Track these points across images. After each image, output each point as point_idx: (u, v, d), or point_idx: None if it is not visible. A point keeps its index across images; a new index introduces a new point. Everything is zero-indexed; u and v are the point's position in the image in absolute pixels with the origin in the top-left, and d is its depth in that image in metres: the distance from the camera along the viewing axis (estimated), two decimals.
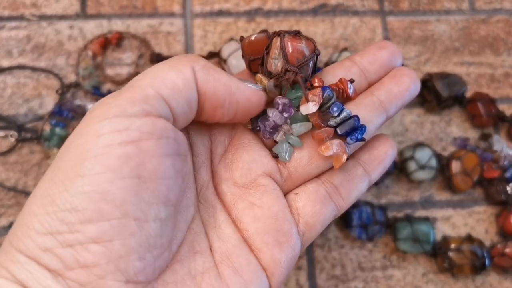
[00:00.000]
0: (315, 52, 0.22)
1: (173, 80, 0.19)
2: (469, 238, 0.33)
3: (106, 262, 0.16)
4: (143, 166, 0.17)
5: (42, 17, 0.35)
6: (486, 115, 0.35)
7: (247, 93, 0.21)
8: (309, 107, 0.22)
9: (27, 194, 0.32)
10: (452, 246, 0.32)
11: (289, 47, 0.22)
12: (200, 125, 0.23)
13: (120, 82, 0.35)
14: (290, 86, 0.22)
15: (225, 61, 0.34)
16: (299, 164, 0.23)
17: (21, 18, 0.35)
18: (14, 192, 0.32)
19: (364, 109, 0.24)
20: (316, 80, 0.22)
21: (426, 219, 0.33)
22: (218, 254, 0.21)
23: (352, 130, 0.22)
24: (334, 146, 0.22)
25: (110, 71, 0.35)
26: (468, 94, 0.36)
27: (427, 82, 0.35)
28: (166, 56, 0.35)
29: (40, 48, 0.35)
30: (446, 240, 0.33)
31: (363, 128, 0.22)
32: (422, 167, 0.33)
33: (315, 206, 0.23)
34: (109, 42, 0.35)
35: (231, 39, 0.35)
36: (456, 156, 0.34)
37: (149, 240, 0.17)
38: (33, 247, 0.16)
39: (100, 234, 0.16)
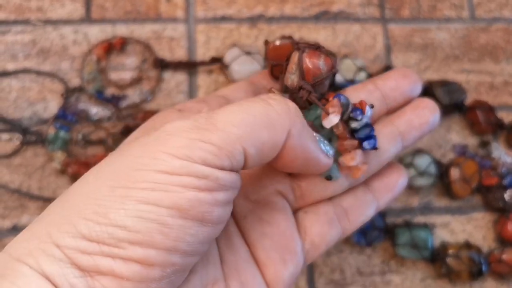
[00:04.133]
0: (332, 71, 0.22)
1: (264, 142, 0.18)
2: (467, 245, 0.33)
3: (139, 281, 0.17)
4: (209, 213, 0.17)
5: (47, 22, 0.36)
6: (485, 123, 0.35)
7: (319, 159, 0.21)
8: (331, 119, 0.21)
9: (31, 196, 0.32)
10: (450, 252, 0.33)
11: (306, 63, 0.21)
12: None
13: (124, 86, 0.35)
14: (307, 106, 0.22)
15: (227, 67, 0.34)
16: (314, 187, 0.23)
17: (26, 22, 0.36)
18: (18, 194, 0.32)
19: (382, 138, 0.24)
20: (331, 95, 0.22)
21: (424, 226, 0.33)
22: (227, 266, 0.21)
23: (367, 137, 0.22)
24: (358, 157, 0.22)
25: (113, 76, 0.35)
26: (468, 101, 0.36)
27: (427, 90, 0.36)
28: (170, 62, 0.35)
29: (45, 53, 0.35)
30: (444, 246, 0.33)
31: (375, 138, 0.23)
32: (421, 173, 0.34)
33: (323, 227, 0.23)
34: (113, 47, 0.36)
35: (234, 45, 0.35)
36: (455, 163, 0.34)
37: (184, 269, 0.18)
38: (74, 247, 0.16)
39: (144, 257, 0.16)
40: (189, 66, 0.36)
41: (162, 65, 0.35)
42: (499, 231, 0.34)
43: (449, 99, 0.35)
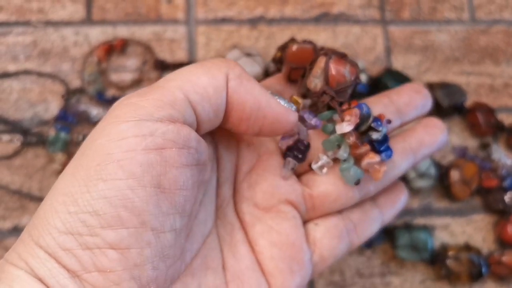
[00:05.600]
0: (356, 81, 0.22)
1: (204, 86, 0.19)
2: (467, 247, 0.33)
3: (122, 269, 0.17)
4: (164, 176, 0.17)
5: (48, 23, 0.36)
6: (485, 125, 0.35)
7: (277, 110, 0.20)
8: (344, 127, 0.21)
9: (31, 197, 0.33)
10: (450, 254, 0.33)
11: (332, 70, 0.22)
12: (229, 139, 0.22)
13: (124, 88, 0.35)
14: (325, 108, 0.22)
15: None
16: (326, 200, 0.23)
17: (27, 24, 0.36)
18: (18, 195, 0.33)
19: (395, 154, 0.24)
20: (354, 103, 0.22)
21: (424, 227, 0.33)
22: (230, 273, 0.21)
23: (385, 149, 0.23)
24: (377, 157, 0.22)
25: (114, 77, 0.35)
26: (468, 103, 0.36)
27: None
28: (170, 63, 0.35)
29: (46, 54, 0.35)
30: (444, 248, 0.33)
31: (392, 150, 0.23)
32: (421, 175, 0.34)
33: (333, 240, 0.23)
34: (114, 49, 0.36)
35: (234, 46, 0.35)
36: (455, 165, 0.34)
37: (163, 250, 0.18)
38: (54, 245, 0.16)
39: (118, 240, 0.16)
40: None
41: (162, 66, 0.35)
42: (499, 233, 0.34)
43: (449, 101, 0.35)
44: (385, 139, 0.23)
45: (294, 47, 0.23)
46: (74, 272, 0.16)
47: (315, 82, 0.22)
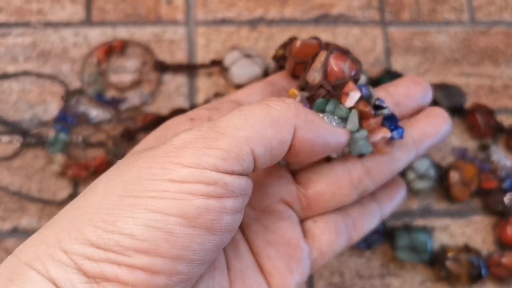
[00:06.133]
0: (354, 77, 0.22)
1: (270, 139, 0.19)
2: (467, 248, 0.33)
3: (144, 287, 0.17)
4: (217, 221, 0.17)
5: (48, 24, 0.36)
6: (485, 126, 0.35)
7: (334, 140, 0.21)
8: (352, 96, 0.21)
9: (31, 198, 0.33)
10: (449, 255, 0.33)
11: (332, 64, 0.22)
12: None
13: (124, 89, 0.35)
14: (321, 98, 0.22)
15: (227, 70, 0.34)
16: (321, 198, 0.23)
17: (27, 25, 0.36)
18: (18, 196, 0.33)
19: (396, 148, 0.24)
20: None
21: (424, 229, 0.33)
22: (233, 273, 0.21)
23: (395, 127, 0.22)
24: (388, 132, 0.22)
25: (113, 78, 0.35)
26: (467, 105, 0.36)
27: None
28: (170, 64, 0.35)
29: (45, 55, 0.35)
30: (443, 249, 0.33)
31: (403, 128, 0.22)
32: (420, 176, 0.34)
33: (331, 236, 0.23)
34: (113, 50, 0.36)
35: (234, 48, 0.35)
36: (454, 166, 0.34)
37: (191, 278, 0.18)
38: (82, 253, 0.16)
39: (150, 265, 0.17)
40: (189, 69, 0.36)
41: (162, 67, 0.35)
42: (498, 234, 0.34)
43: (448, 103, 0.35)
44: (394, 116, 0.22)
45: (300, 42, 0.23)
46: (94, 278, 0.16)
47: (314, 75, 0.22)
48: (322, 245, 0.23)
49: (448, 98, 0.35)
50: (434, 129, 0.25)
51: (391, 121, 0.22)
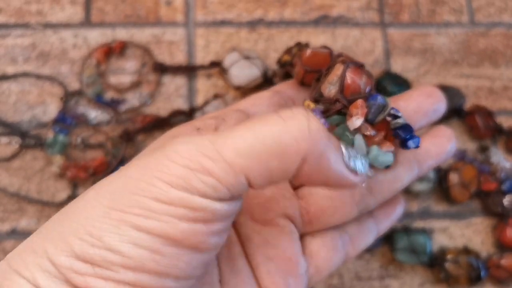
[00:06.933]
0: (370, 93, 0.22)
1: (272, 170, 0.17)
2: (466, 250, 0.33)
3: None
4: (204, 243, 0.17)
5: (47, 25, 0.36)
6: (484, 128, 0.35)
7: (347, 185, 0.19)
8: (354, 122, 0.21)
9: (30, 200, 0.32)
10: (449, 257, 0.33)
11: (348, 79, 0.21)
12: None
13: (123, 90, 0.35)
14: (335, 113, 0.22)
15: (226, 71, 0.34)
16: (323, 214, 0.23)
17: (26, 26, 0.36)
18: (17, 197, 0.33)
19: (400, 167, 0.23)
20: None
21: (423, 230, 0.33)
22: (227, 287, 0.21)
23: (411, 137, 0.22)
24: (392, 145, 0.22)
25: (113, 79, 0.35)
26: (467, 106, 0.36)
27: None
28: (169, 66, 0.35)
29: (45, 56, 0.35)
30: (443, 251, 0.33)
31: (419, 138, 0.22)
32: (420, 178, 0.34)
33: (329, 253, 0.23)
34: (113, 51, 0.36)
35: (233, 49, 0.35)
36: (454, 168, 0.34)
37: None
38: (68, 266, 0.16)
39: (137, 281, 0.16)
40: (188, 70, 0.36)
41: (161, 69, 0.35)
42: (497, 236, 0.34)
43: (448, 104, 0.35)
44: (409, 126, 0.22)
45: (310, 51, 0.23)
46: None
47: (329, 88, 0.22)
48: (319, 261, 0.23)
49: (447, 99, 0.35)
50: (438, 149, 0.25)
51: (406, 130, 0.22)
